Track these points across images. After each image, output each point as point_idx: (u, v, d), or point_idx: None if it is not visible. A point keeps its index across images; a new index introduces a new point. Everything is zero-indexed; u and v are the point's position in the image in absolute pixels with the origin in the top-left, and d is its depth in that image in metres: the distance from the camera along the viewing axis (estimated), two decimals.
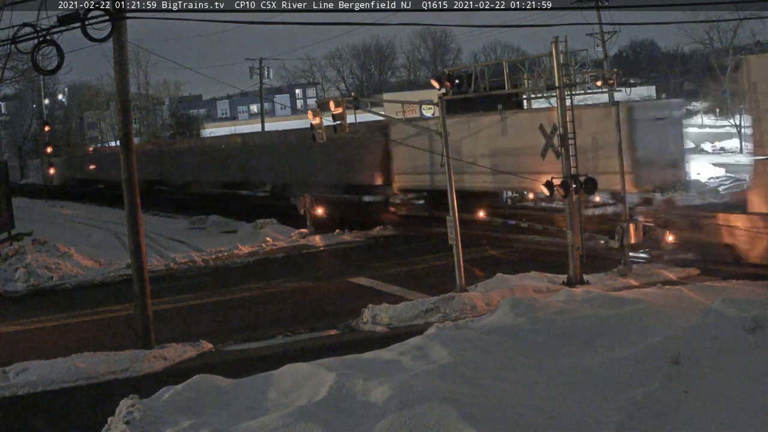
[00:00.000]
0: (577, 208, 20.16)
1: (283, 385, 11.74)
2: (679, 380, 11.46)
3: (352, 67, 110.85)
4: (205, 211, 39.71)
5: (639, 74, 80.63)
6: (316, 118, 21.35)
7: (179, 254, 28.77)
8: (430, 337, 13.50)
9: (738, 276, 19.38)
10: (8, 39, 14.53)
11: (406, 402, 10.14)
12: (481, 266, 22.56)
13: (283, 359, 13.52)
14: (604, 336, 13.19)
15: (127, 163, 16.62)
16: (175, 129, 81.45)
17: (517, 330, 13.70)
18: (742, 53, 64.33)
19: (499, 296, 18.04)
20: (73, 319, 20.84)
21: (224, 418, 10.72)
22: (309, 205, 32.08)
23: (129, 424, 10.73)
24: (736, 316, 13.37)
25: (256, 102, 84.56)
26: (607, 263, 21.47)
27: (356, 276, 23.63)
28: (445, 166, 20.20)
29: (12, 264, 26.68)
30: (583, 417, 10.26)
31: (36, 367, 15.24)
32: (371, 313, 17.89)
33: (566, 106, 19.86)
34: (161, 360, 15.84)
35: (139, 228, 16.68)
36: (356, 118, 20.87)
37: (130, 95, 16.87)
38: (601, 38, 45.80)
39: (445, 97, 20.42)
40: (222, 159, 47.97)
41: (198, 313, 20.64)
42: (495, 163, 28.04)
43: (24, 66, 33.07)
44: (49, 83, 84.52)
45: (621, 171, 20.68)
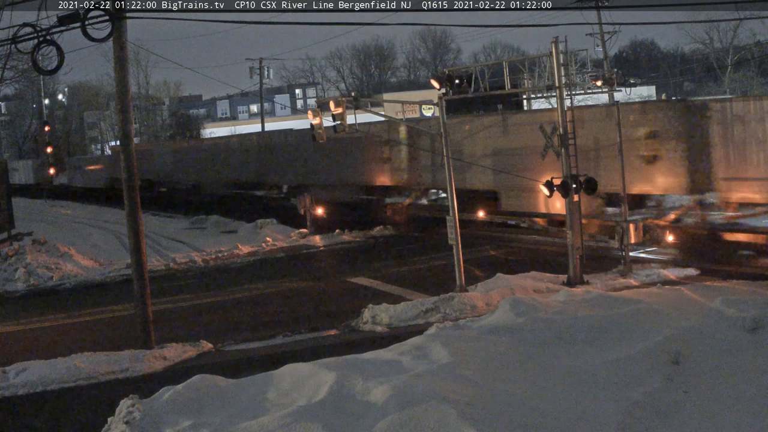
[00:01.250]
0: (577, 208, 20.16)
1: (283, 385, 11.74)
2: (679, 380, 11.47)
3: (352, 67, 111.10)
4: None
5: (639, 74, 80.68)
6: (316, 118, 21.36)
7: (179, 254, 28.78)
8: (430, 337, 13.51)
9: (738, 276, 19.39)
10: (8, 39, 14.51)
11: (406, 402, 10.14)
12: (481, 266, 22.57)
13: (283, 359, 13.52)
14: (604, 336, 13.20)
15: (127, 163, 16.63)
16: (175, 129, 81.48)
17: (517, 330, 13.70)
18: (742, 53, 64.44)
19: (499, 296, 18.04)
20: (73, 319, 20.83)
21: (224, 418, 10.72)
22: (309, 205, 32.10)
23: (129, 424, 10.74)
24: (736, 316, 13.39)
25: (256, 102, 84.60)
26: (607, 263, 21.47)
27: (356, 276, 23.63)
28: (447, 165, 20.20)
29: (12, 264, 26.69)
30: (583, 417, 10.26)
31: (36, 367, 15.24)
32: (371, 313, 17.89)
33: (566, 106, 19.89)
34: (161, 360, 15.83)
35: (139, 228, 16.68)
36: (356, 118, 20.86)
37: (130, 95, 16.87)
38: (601, 38, 45.78)
39: (445, 97, 20.43)
40: (236, 158, 45.76)
41: (198, 313, 20.64)
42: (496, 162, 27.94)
43: (24, 66, 33.07)
44: (49, 83, 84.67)
45: (622, 171, 20.68)
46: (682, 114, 22.10)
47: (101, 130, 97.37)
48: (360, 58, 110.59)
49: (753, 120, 20.42)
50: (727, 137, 20.90)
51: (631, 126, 22.79)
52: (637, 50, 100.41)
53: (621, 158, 20.72)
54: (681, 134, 21.98)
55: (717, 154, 21.08)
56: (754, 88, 59.63)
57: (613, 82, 22.67)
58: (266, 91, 75.97)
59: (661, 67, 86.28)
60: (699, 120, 21.53)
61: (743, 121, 20.54)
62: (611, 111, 22.16)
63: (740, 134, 20.61)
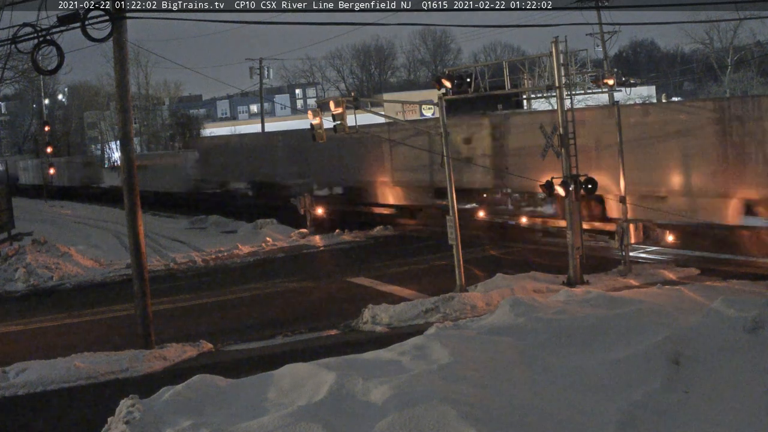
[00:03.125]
0: (576, 208, 20.17)
1: (283, 385, 11.73)
2: (679, 380, 11.46)
3: (352, 67, 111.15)
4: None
5: (639, 74, 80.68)
6: (316, 118, 21.36)
7: (179, 254, 28.78)
8: (430, 337, 13.51)
9: (738, 276, 19.40)
10: (8, 39, 14.52)
11: (406, 402, 10.14)
12: (481, 266, 22.56)
13: (283, 359, 13.52)
14: (604, 336, 13.19)
15: (127, 163, 16.63)
16: (174, 129, 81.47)
17: (517, 330, 13.70)
18: (742, 53, 64.45)
19: (499, 296, 18.04)
20: (73, 319, 20.83)
21: (224, 418, 10.72)
22: (309, 205, 32.11)
23: (129, 424, 10.73)
24: (736, 316, 13.37)
25: (256, 102, 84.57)
26: (607, 263, 21.47)
27: (356, 276, 23.63)
28: (447, 166, 20.21)
29: (12, 264, 26.70)
30: (583, 417, 10.26)
31: (36, 367, 15.24)
32: (371, 313, 17.89)
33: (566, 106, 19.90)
34: (161, 360, 15.84)
35: (139, 228, 16.68)
36: (356, 118, 20.88)
37: (130, 95, 16.87)
38: (601, 38, 45.83)
39: (445, 97, 20.43)
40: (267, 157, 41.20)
41: (198, 313, 20.64)
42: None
43: (24, 66, 33.07)
44: (49, 83, 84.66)
45: (621, 171, 20.68)
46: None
47: (101, 130, 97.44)
48: (360, 58, 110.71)
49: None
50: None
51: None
52: (637, 50, 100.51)
53: (621, 158, 20.72)
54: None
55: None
56: (754, 88, 59.63)
57: (613, 82, 22.64)
58: (266, 91, 75.93)
59: (661, 67, 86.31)
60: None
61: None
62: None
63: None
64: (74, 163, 68.88)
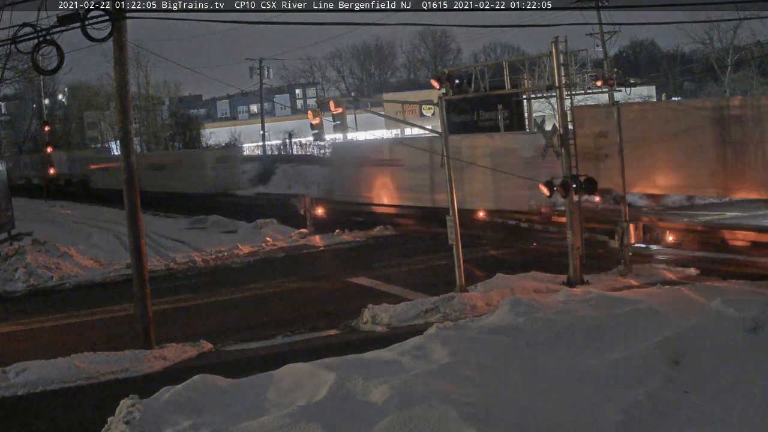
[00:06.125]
0: (577, 208, 20.16)
1: (283, 385, 11.74)
2: (679, 380, 11.47)
3: (352, 67, 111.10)
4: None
5: (639, 74, 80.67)
6: (316, 118, 21.37)
7: (179, 254, 28.76)
8: (430, 337, 13.51)
9: (738, 276, 19.38)
10: (8, 39, 14.51)
11: (406, 402, 10.15)
12: (481, 266, 22.54)
13: (283, 359, 13.53)
14: (604, 336, 13.20)
15: (127, 163, 16.62)
16: (174, 129, 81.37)
17: (517, 330, 13.70)
18: (742, 53, 64.44)
19: (499, 296, 18.04)
20: (73, 319, 20.83)
21: (224, 418, 10.73)
22: (309, 205, 32.10)
23: (129, 424, 10.74)
24: (736, 316, 13.37)
25: (256, 102, 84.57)
26: (607, 263, 21.46)
27: (356, 276, 23.62)
28: (447, 166, 20.20)
29: (12, 264, 26.68)
30: (583, 417, 10.26)
31: (36, 367, 15.24)
32: (371, 313, 17.89)
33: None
34: (161, 360, 15.84)
35: (139, 228, 16.69)
36: (356, 118, 20.87)
37: (130, 95, 16.87)
38: (601, 38, 45.83)
39: (445, 97, 20.43)
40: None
41: (198, 313, 20.63)
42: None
43: (24, 66, 32.96)
44: (49, 83, 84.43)
45: (622, 171, 20.68)
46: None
47: (101, 130, 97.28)
48: (360, 58, 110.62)
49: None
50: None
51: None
52: (637, 50, 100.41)
53: (621, 158, 20.72)
54: None
55: None
56: (754, 88, 59.59)
57: (612, 82, 22.65)
58: (266, 91, 75.96)
59: (661, 67, 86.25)
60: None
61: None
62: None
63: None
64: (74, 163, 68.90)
